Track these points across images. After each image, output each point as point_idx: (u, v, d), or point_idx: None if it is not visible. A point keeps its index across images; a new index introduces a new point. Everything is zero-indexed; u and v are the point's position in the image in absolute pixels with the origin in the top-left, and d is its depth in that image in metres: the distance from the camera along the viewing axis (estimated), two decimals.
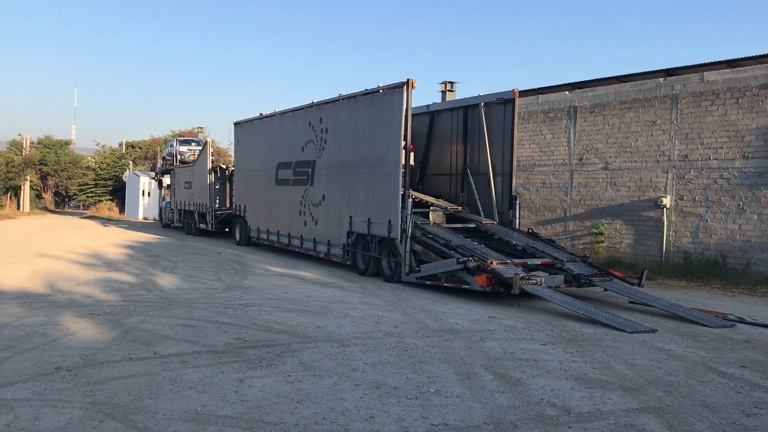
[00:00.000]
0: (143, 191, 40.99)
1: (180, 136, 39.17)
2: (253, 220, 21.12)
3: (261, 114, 20.78)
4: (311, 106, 17.61)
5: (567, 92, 19.64)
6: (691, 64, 16.99)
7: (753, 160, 15.10)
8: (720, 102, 15.76)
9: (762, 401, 6.50)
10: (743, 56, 16.01)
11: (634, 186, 17.50)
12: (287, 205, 18.71)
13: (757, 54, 15.69)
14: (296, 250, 18.27)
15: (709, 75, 16.06)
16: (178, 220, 29.36)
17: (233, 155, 26.82)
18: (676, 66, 17.26)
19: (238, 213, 22.42)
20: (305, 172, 17.73)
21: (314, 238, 17.19)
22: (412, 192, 14.57)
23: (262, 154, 20.67)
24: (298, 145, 18.12)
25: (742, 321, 10.56)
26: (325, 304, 11.21)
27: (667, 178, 16.79)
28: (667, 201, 16.53)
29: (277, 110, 19.71)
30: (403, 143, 13.62)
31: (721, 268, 15.36)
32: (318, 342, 8.36)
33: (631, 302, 11.92)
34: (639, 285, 12.38)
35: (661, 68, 17.53)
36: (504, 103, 15.33)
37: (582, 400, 6.34)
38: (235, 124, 22.97)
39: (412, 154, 15.43)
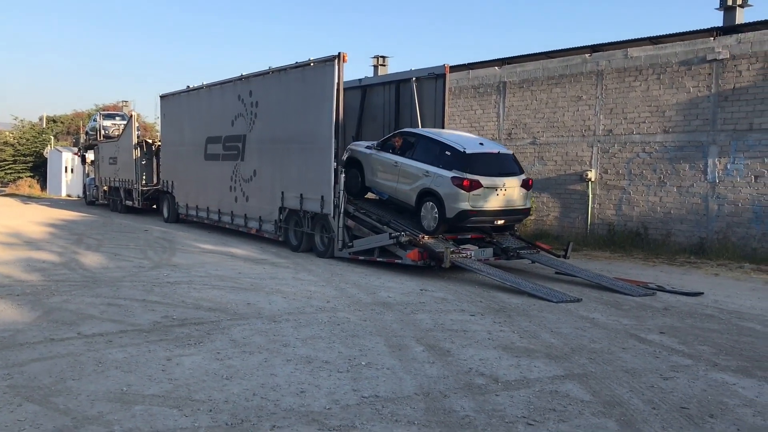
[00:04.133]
0: (66, 167, 39.47)
1: (104, 110, 37.81)
2: (182, 197, 20.63)
3: (188, 87, 20.21)
4: (240, 78, 17.24)
5: (496, 68, 19.86)
6: (615, 41, 17.43)
7: (673, 135, 15.67)
8: (643, 78, 16.25)
9: (678, 365, 6.81)
10: (665, 33, 16.53)
11: (561, 160, 17.92)
12: (217, 180, 18.33)
13: (678, 31, 16.22)
14: (227, 226, 17.98)
15: (633, 51, 16.52)
16: (103, 197, 28.44)
17: (160, 130, 26.07)
18: (601, 42, 17.69)
19: (165, 189, 21.85)
20: (235, 146, 17.39)
21: (245, 215, 16.94)
22: None
23: (190, 128, 20.15)
24: (228, 119, 17.74)
25: (661, 289, 11.01)
26: (256, 280, 11.09)
27: (592, 152, 17.26)
28: (592, 174, 17.01)
29: (205, 83, 19.21)
30: (335, 117, 13.51)
31: (643, 238, 15.97)
32: (248, 318, 8.27)
33: (557, 273, 12.26)
34: (565, 257, 12.74)
35: (587, 44, 17.94)
36: (435, 78, 15.36)
37: (509, 368, 6.50)
38: (161, 97, 22.30)
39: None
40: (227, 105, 17.84)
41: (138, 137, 24.58)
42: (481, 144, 12.70)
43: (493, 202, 11.98)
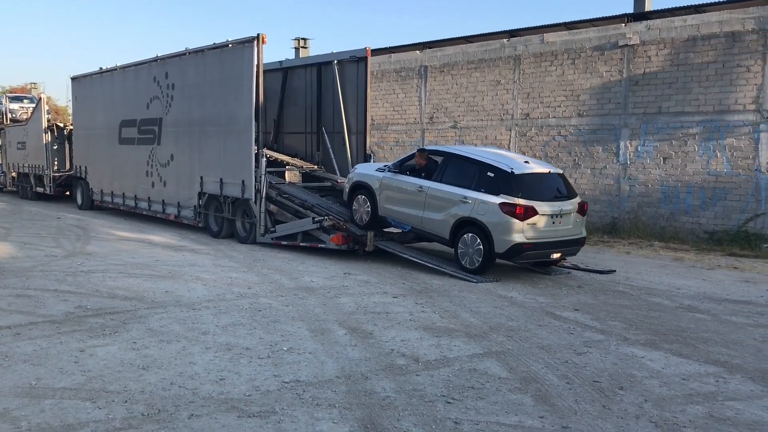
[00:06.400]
0: None
1: (10, 93, 35.93)
2: (96, 183, 19.88)
3: (101, 68, 19.42)
4: (156, 60, 16.68)
5: (418, 52, 19.97)
6: (532, 26, 17.81)
7: (587, 118, 16.19)
8: (558, 63, 16.68)
9: (591, 340, 7.08)
10: (579, 19, 17.00)
11: (481, 143, 18.23)
12: (133, 165, 17.74)
13: (592, 17, 16.70)
14: (144, 213, 17.45)
15: (549, 37, 16.92)
16: (12, 184, 27.09)
17: (72, 113, 25.00)
18: (518, 27, 18.03)
19: (79, 175, 20.99)
20: (151, 130, 16.86)
21: (163, 200, 16.48)
22: (266, 151, 14.29)
23: (103, 111, 19.38)
24: (143, 101, 17.15)
25: (576, 268, 11.39)
26: (174, 268, 10.83)
27: (510, 135, 17.63)
28: None
29: (118, 64, 18.51)
30: (255, 100, 13.27)
31: None
32: (166, 307, 8.08)
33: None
34: None
35: (505, 29, 18.25)
36: (357, 61, 15.28)
37: (430, 348, 6.60)
38: (72, 79, 21.35)
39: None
40: (142, 87, 17.25)
41: (48, 121, 23.52)
42: (527, 162, 10.80)
43: (549, 232, 10.20)
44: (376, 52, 18.32)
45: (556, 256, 10.58)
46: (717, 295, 9.59)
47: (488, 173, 10.34)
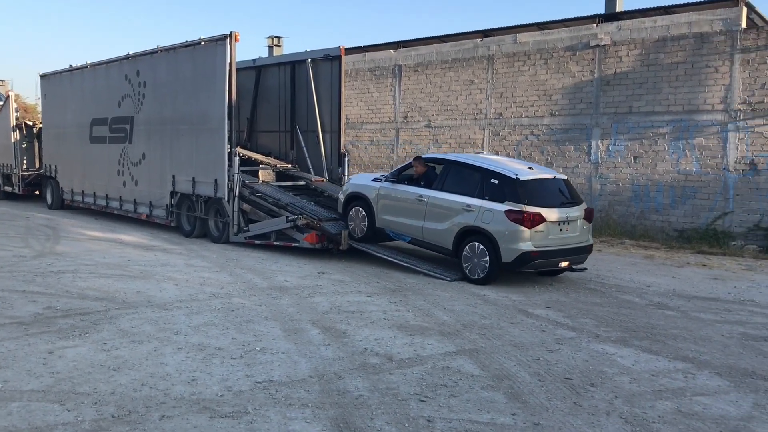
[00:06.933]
0: None
1: None
2: (66, 182, 19.58)
3: (71, 66, 19.14)
4: (127, 57, 16.48)
5: (392, 51, 19.98)
6: (505, 26, 17.92)
7: (559, 118, 16.33)
8: (531, 63, 16.81)
9: (563, 338, 7.15)
10: (552, 20, 17.15)
11: (455, 143, 18.31)
12: (104, 164, 17.50)
13: (564, 18, 16.86)
14: (115, 212, 17.23)
15: (522, 37, 17.04)
16: None
17: (41, 111, 24.58)
18: (492, 27, 18.13)
19: (48, 174, 20.66)
20: (123, 128, 16.65)
21: (135, 199, 16.29)
22: (239, 149, 14.20)
23: (74, 109, 19.09)
24: (114, 99, 16.93)
25: None
26: (146, 267, 10.71)
27: (484, 134, 17.73)
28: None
29: (89, 62, 18.25)
30: (227, 99, 13.17)
31: None
32: (138, 307, 7.99)
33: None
34: None
35: (479, 29, 18.34)
36: (331, 59, 15.26)
37: (403, 347, 6.61)
38: (42, 76, 21.00)
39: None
40: (113, 85, 17.03)
41: (17, 119, 23.07)
42: (530, 168, 10.44)
43: (557, 240, 9.85)
44: (350, 50, 18.29)
45: (563, 264, 10.13)
46: (686, 292, 9.75)
47: (492, 180, 9.96)
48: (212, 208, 14.00)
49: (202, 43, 13.89)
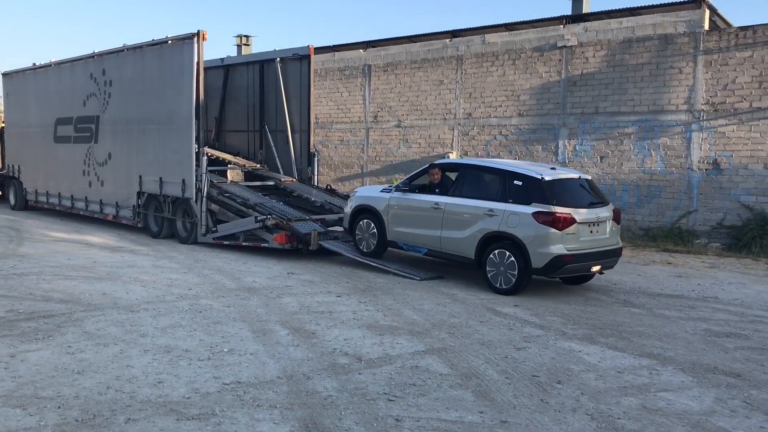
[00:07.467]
0: None
1: None
2: (30, 182, 19.21)
3: (35, 64, 18.79)
4: (92, 56, 16.22)
5: (362, 50, 19.98)
6: (474, 26, 18.01)
7: (527, 118, 16.48)
8: (499, 63, 16.94)
9: (530, 336, 7.22)
10: (520, 20, 17.29)
11: (424, 143, 18.37)
12: (69, 164, 17.21)
13: (531, 19, 17.01)
14: (81, 213, 16.95)
15: (490, 37, 17.16)
16: None
17: (3, 110, 24.08)
18: (461, 28, 18.22)
19: (11, 174, 20.25)
20: (88, 128, 16.38)
21: (101, 200, 16.04)
22: (207, 149, 14.06)
23: (37, 108, 18.74)
24: (79, 99, 16.66)
25: None
26: (112, 269, 10.56)
27: (453, 134, 17.82)
28: (453, 156, 17.56)
29: (53, 60, 17.93)
30: (195, 98, 13.04)
31: None
32: (104, 309, 7.87)
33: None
34: None
35: (448, 29, 18.42)
36: (300, 59, 15.21)
37: (373, 346, 6.61)
38: (4, 75, 20.58)
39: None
40: (78, 84, 16.75)
41: None
42: (553, 168, 9.98)
43: (589, 242, 9.22)
44: (319, 50, 18.26)
45: (595, 269, 9.50)
46: (651, 289, 9.91)
47: (515, 181, 9.37)
48: (180, 208, 13.86)
49: (170, 42, 13.74)
